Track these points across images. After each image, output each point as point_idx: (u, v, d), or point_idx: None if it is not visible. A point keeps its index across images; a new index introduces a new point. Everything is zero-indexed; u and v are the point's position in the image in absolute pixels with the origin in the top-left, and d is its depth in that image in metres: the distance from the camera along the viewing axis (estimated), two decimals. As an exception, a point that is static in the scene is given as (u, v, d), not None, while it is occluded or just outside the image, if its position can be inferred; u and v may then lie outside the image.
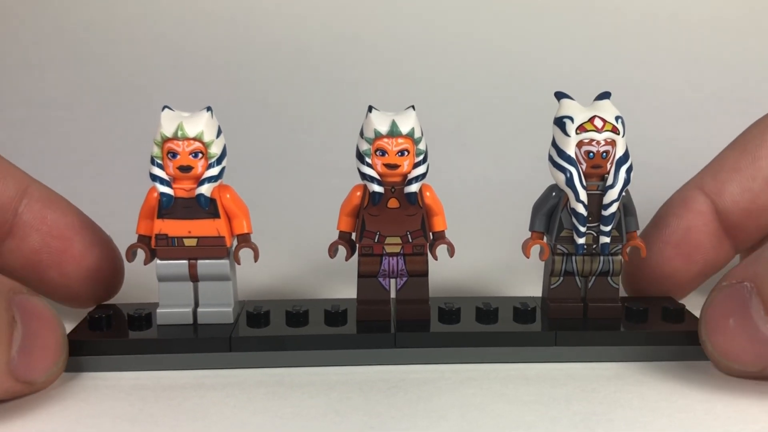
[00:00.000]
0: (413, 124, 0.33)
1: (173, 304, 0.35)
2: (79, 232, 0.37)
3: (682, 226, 0.37)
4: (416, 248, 0.35)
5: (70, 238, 0.36)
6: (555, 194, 0.35)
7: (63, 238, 0.36)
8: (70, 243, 0.36)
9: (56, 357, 0.31)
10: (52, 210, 0.36)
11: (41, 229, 0.36)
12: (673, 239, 0.38)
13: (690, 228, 0.37)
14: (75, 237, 0.36)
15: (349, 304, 0.36)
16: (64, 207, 0.37)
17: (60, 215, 0.36)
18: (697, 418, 0.29)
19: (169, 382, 0.32)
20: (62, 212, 0.37)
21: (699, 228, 0.37)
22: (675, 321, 0.35)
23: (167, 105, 0.34)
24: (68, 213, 0.37)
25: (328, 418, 0.29)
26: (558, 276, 0.36)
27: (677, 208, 0.38)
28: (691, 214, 0.37)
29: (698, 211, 0.37)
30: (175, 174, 0.33)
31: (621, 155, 0.34)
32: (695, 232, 0.37)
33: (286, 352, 0.34)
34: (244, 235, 0.35)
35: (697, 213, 0.37)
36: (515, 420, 0.29)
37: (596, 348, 0.34)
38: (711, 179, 0.38)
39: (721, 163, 0.38)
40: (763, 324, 0.30)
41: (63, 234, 0.36)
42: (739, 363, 0.31)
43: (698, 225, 0.37)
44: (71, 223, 0.36)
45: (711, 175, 0.38)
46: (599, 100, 0.35)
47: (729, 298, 0.31)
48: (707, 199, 0.37)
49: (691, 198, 0.38)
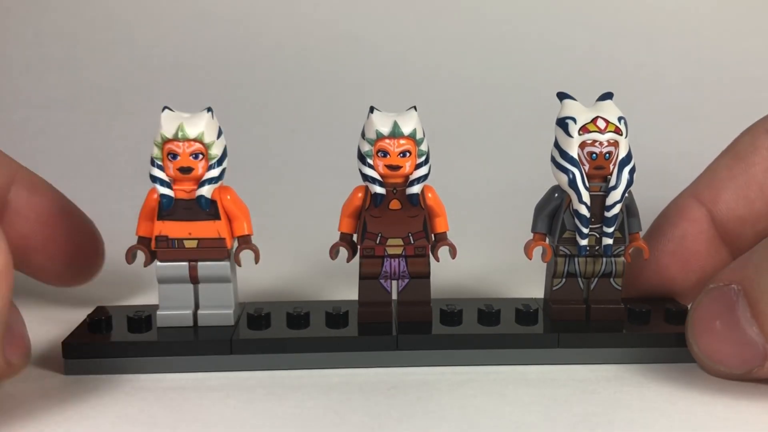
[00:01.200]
0: (415, 124, 0.33)
1: (173, 307, 0.34)
2: (64, 217, 0.38)
3: (677, 235, 0.38)
4: (418, 250, 0.35)
5: (56, 224, 0.38)
6: (557, 195, 0.35)
7: (50, 224, 0.38)
8: (56, 228, 0.38)
9: (28, 342, 0.31)
10: (38, 196, 0.38)
11: (29, 216, 0.37)
12: (669, 248, 0.38)
13: (685, 236, 0.37)
14: (60, 222, 0.38)
15: (351, 306, 0.36)
16: (50, 193, 0.39)
17: (47, 201, 0.38)
18: (697, 420, 0.29)
19: (169, 384, 0.32)
20: (48, 198, 0.38)
21: (695, 236, 0.37)
22: (678, 323, 0.35)
23: (167, 105, 0.34)
24: (53, 199, 0.38)
25: (327, 419, 0.29)
26: (560, 277, 0.36)
27: (673, 217, 0.38)
28: (687, 223, 0.38)
29: (694, 219, 0.37)
30: (176, 175, 0.33)
31: (624, 156, 0.34)
32: (691, 240, 0.37)
33: (287, 354, 0.33)
34: (245, 236, 0.35)
35: (693, 221, 0.37)
36: (515, 421, 0.29)
37: (599, 350, 0.34)
38: (705, 188, 0.38)
39: (714, 171, 0.38)
40: (749, 327, 0.30)
41: (50, 220, 0.38)
42: (724, 365, 0.32)
43: (694, 233, 0.37)
44: (57, 209, 0.38)
45: (705, 184, 0.38)
46: (602, 100, 0.35)
47: (716, 300, 0.32)
48: (703, 208, 0.37)
49: (687, 207, 0.38)
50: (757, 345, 0.30)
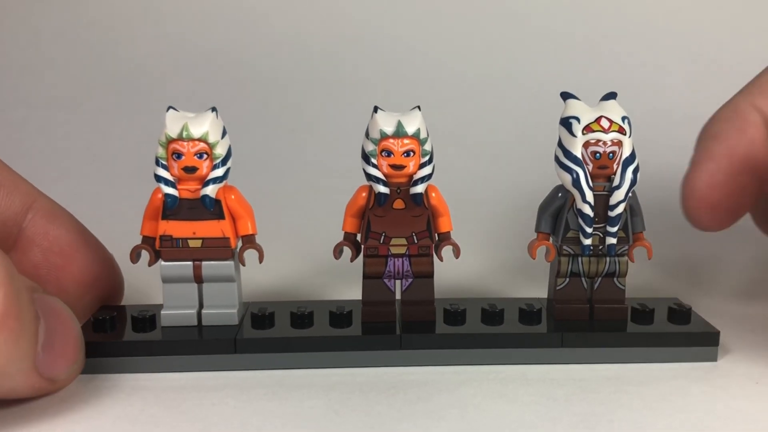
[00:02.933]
0: (419, 124, 0.33)
1: (177, 306, 0.34)
2: (80, 249, 0.37)
3: (745, 140, 0.35)
4: (422, 249, 0.35)
5: (70, 255, 0.36)
6: (561, 195, 0.35)
7: (63, 254, 0.36)
8: (70, 260, 0.36)
9: (76, 354, 0.31)
10: (55, 226, 0.36)
11: (42, 244, 0.36)
12: (738, 152, 0.34)
13: (754, 141, 0.35)
14: (75, 254, 0.36)
15: (354, 305, 0.36)
16: (68, 223, 0.37)
17: (63, 231, 0.36)
18: (697, 419, 0.29)
19: (170, 384, 0.32)
20: (65, 228, 0.36)
21: (762, 141, 0.35)
22: (682, 322, 0.35)
23: (172, 105, 0.34)
24: (71, 230, 0.37)
25: (327, 418, 0.29)
26: (564, 277, 0.36)
27: (735, 120, 0.35)
28: (753, 128, 0.35)
29: (756, 124, 0.35)
30: (180, 175, 0.33)
31: (628, 156, 0.34)
32: (759, 145, 0.35)
33: (291, 353, 0.33)
34: (249, 236, 0.35)
35: (756, 126, 0.35)
36: (515, 420, 0.29)
37: (602, 349, 0.34)
38: (760, 95, 0.35)
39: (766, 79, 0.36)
40: None
41: (63, 251, 0.36)
42: None
43: (761, 138, 0.35)
44: (73, 240, 0.36)
45: (759, 91, 0.36)
46: (605, 100, 0.35)
47: None
48: (759, 114, 0.35)
49: (746, 111, 0.35)
50: None
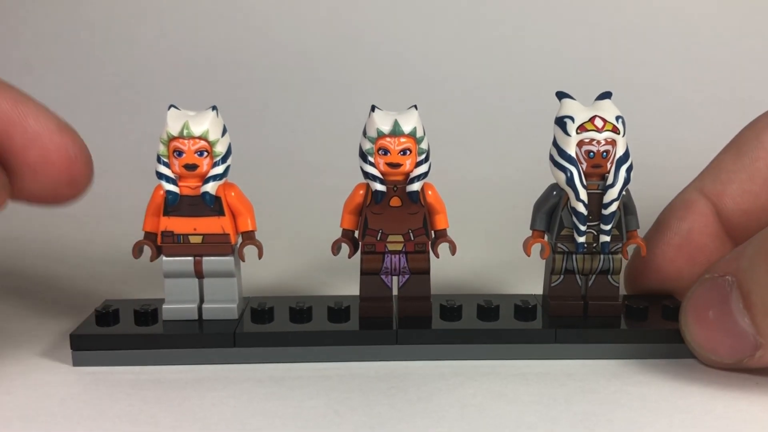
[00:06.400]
0: (415, 123, 0.34)
1: (179, 300, 0.35)
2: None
3: (684, 228, 0.38)
4: (418, 246, 0.35)
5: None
6: (556, 193, 0.35)
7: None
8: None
9: None
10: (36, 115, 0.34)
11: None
12: (675, 241, 0.38)
13: (692, 230, 0.38)
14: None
15: (352, 301, 0.36)
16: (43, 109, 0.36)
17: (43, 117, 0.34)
18: (697, 419, 0.29)
19: (170, 380, 0.32)
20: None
21: (701, 230, 0.38)
22: (675, 319, 0.35)
23: (173, 104, 0.34)
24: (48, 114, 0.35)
25: (327, 418, 0.29)
26: (558, 274, 0.36)
27: (679, 210, 0.38)
28: (693, 216, 0.38)
29: (700, 213, 0.38)
30: (181, 172, 0.34)
31: (621, 155, 0.34)
32: (697, 233, 0.38)
33: (290, 348, 0.34)
34: (249, 232, 0.35)
35: (699, 215, 0.38)
36: (515, 420, 0.29)
37: (596, 345, 0.34)
38: (711, 182, 0.38)
39: (719, 165, 0.38)
40: (741, 318, 0.31)
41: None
42: (716, 354, 0.32)
43: (700, 227, 0.38)
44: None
45: (711, 178, 0.38)
46: (600, 100, 0.35)
47: (710, 290, 0.32)
48: (708, 202, 0.38)
49: (693, 200, 0.38)
50: (748, 336, 0.31)
